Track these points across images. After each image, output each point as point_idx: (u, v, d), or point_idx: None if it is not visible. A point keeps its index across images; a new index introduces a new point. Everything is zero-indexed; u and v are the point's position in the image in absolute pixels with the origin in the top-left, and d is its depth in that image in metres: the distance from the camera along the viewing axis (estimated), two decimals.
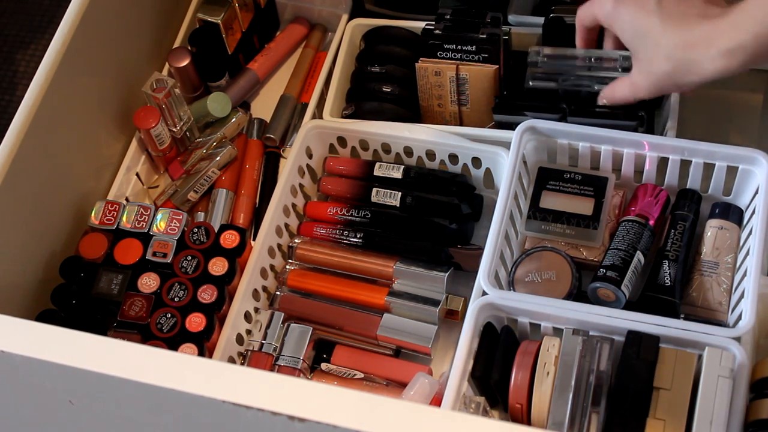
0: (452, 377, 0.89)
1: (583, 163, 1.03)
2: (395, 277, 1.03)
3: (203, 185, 1.12)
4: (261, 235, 1.04)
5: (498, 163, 1.04)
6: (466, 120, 1.12)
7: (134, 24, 1.13)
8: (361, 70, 1.14)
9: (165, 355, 0.71)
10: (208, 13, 1.17)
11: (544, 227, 1.01)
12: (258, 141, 1.18)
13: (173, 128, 1.12)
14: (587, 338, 0.88)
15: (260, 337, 1.00)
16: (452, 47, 1.07)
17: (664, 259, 0.96)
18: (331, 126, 1.10)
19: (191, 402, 0.68)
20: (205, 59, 1.19)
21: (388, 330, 1.00)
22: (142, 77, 1.10)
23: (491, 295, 0.93)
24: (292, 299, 1.05)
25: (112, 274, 1.01)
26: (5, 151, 0.93)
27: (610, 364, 0.87)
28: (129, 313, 0.99)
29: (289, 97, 1.20)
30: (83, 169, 1.07)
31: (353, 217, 1.06)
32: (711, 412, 0.82)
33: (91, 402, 0.77)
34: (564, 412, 0.86)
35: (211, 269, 1.02)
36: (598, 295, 0.96)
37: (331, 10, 1.23)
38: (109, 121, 1.11)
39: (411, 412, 0.65)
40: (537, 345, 0.90)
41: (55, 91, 0.97)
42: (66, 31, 0.99)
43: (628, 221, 0.98)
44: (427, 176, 1.07)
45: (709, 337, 0.87)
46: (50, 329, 0.72)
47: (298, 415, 0.65)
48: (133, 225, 1.04)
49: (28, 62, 1.82)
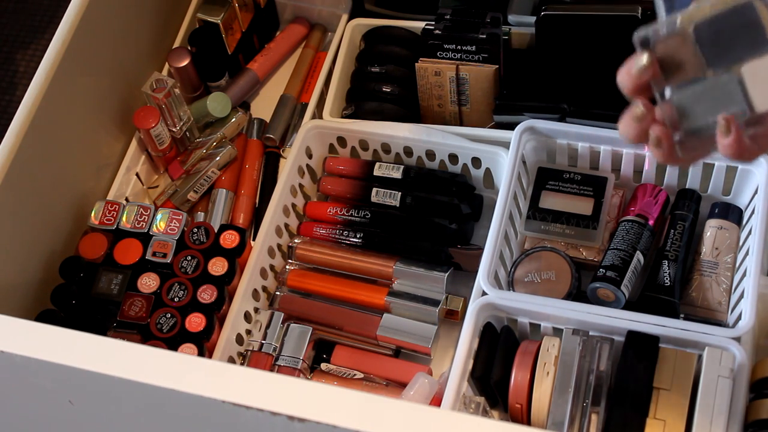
0: (452, 377, 0.89)
1: (582, 163, 1.03)
2: (395, 277, 1.03)
3: (203, 185, 1.12)
4: (261, 235, 1.04)
5: (498, 163, 1.04)
6: (466, 120, 1.12)
7: (134, 24, 1.13)
8: (361, 70, 1.14)
9: (165, 355, 0.71)
10: (208, 13, 1.17)
11: (544, 227, 1.01)
12: (258, 141, 1.18)
13: (173, 128, 1.12)
14: (587, 338, 0.88)
15: (260, 337, 1.00)
16: (452, 47, 1.07)
17: (664, 259, 0.96)
18: (331, 126, 1.10)
19: (191, 402, 0.68)
20: (205, 59, 1.19)
21: (388, 330, 1.00)
22: (142, 77, 1.10)
23: (491, 295, 0.93)
24: (292, 299, 1.05)
25: (112, 274, 1.01)
26: (5, 151, 0.93)
27: (610, 364, 0.87)
28: (129, 313, 0.99)
29: (289, 97, 1.20)
30: (83, 169, 1.07)
31: (353, 217, 1.06)
32: (711, 412, 0.82)
33: (91, 402, 0.77)
34: (564, 412, 0.86)
35: (210, 269, 1.02)
36: (597, 295, 0.96)
37: (331, 10, 1.23)
38: (109, 121, 1.11)
39: (411, 412, 0.65)
40: (537, 345, 0.90)
41: (55, 91, 0.97)
42: (66, 31, 0.99)
43: (628, 221, 0.98)
44: (427, 176, 1.07)
45: (708, 337, 0.87)
46: (50, 329, 0.72)
47: (297, 415, 0.65)
48: (132, 225, 1.04)
49: (28, 62, 1.82)
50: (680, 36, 0.67)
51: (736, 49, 0.66)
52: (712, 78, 0.66)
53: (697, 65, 0.67)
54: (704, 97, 0.67)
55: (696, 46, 0.66)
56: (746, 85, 0.65)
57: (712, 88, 0.67)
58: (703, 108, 0.67)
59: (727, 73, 0.66)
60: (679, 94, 0.68)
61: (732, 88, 0.66)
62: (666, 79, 0.68)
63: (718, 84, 0.66)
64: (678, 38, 0.67)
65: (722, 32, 0.66)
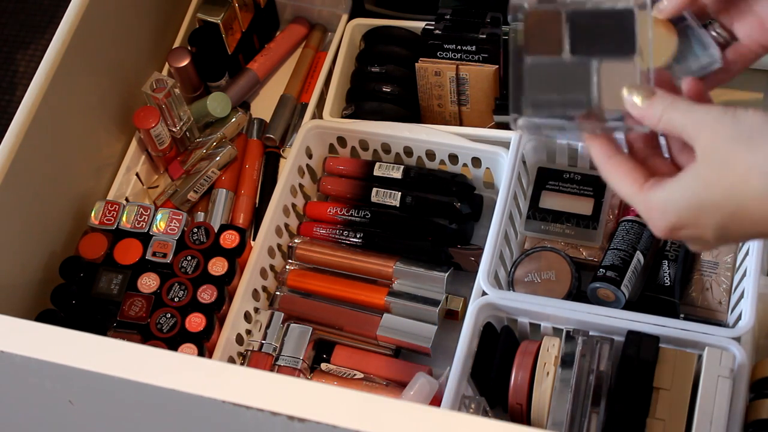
0: (452, 377, 0.89)
1: (582, 163, 1.03)
2: (395, 277, 1.03)
3: (203, 185, 1.12)
4: (261, 235, 1.04)
5: (498, 163, 1.04)
6: (466, 120, 1.12)
7: (134, 24, 1.13)
8: (361, 70, 1.14)
9: (165, 355, 0.71)
10: (208, 13, 1.17)
11: (544, 227, 1.01)
12: (258, 141, 1.18)
13: (173, 128, 1.12)
14: (587, 338, 0.88)
15: (260, 337, 1.00)
16: (452, 47, 1.07)
17: (664, 259, 0.96)
18: (331, 126, 1.10)
19: (191, 402, 0.68)
20: (205, 59, 1.19)
21: (388, 330, 1.00)
22: (142, 77, 1.10)
23: (491, 295, 0.93)
24: (292, 299, 1.05)
25: (112, 274, 1.01)
26: (5, 151, 0.93)
27: (610, 364, 0.87)
28: (129, 313, 0.99)
29: (289, 97, 1.20)
30: (83, 169, 1.07)
31: (353, 217, 1.06)
32: (711, 412, 0.82)
33: (91, 402, 0.77)
34: (564, 412, 0.86)
35: (210, 269, 1.02)
36: (597, 295, 0.96)
37: (331, 10, 1.22)
38: (109, 121, 1.11)
39: (411, 412, 0.65)
40: (537, 345, 0.90)
41: (55, 91, 0.97)
42: (66, 31, 0.99)
43: (628, 221, 0.98)
44: (426, 176, 1.07)
45: (708, 337, 0.87)
46: (50, 329, 0.72)
47: (297, 415, 0.65)
48: (133, 225, 1.04)
49: (28, 62, 1.82)
50: (556, 14, 0.71)
51: (601, 45, 0.69)
52: (569, 61, 0.70)
53: (559, 45, 0.70)
54: (553, 74, 0.70)
55: (566, 28, 0.70)
56: (600, 80, 0.69)
57: (565, 69, 0.70)
58: (548, 84, 0.70)
59: (584, 63, 0.69)
60: (533, 64, 0.71)
61: (583, 77, 0.69)
62: (528, 47, 0.71)
63: (571, 68, 0.70)
64: (553, 15, 0.71)
65: (596, 26, 0.70)
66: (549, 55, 0.70)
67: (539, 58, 0.71)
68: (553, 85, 0.70)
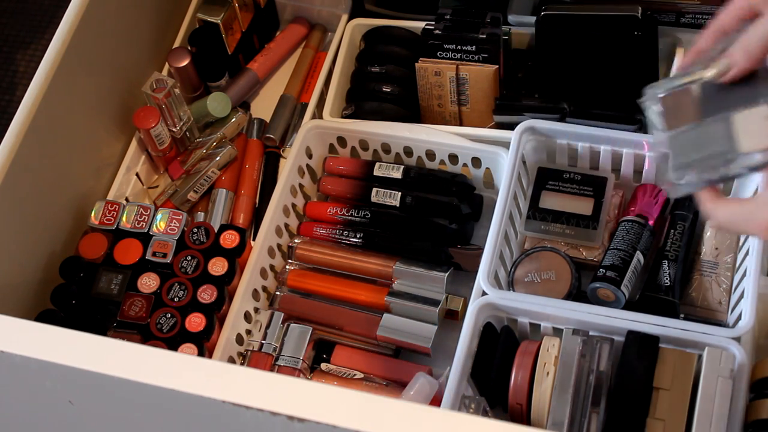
0: (452, 377, 0.89)
1: (582, 163, 1.03)
2: (395, 277, 1.03)
3: (203, 185, 1.12)
4: (261, 235, 1.04)
5: (498, 163, 1.04)
6: (466, 120, 1.12)
7: (134, 24, 1.13)
8: (361, 70, 1.14)
9: (165, 355, 0.71)
10: (208, 13, 1.17)
11: (544, 227, 1.01)
12: (258, 141, 1.18)
13: (173, 128, 1.12)
14: (587, 338, 0.88)
15: (260, 337, 1.00)
16: (452, 47, 1.07)
17: (664, 259, 0.96)
18: (331, 126, 1.10)
19: (191, 402, 0.68)
20: (205, 59, 1.19)
21: (388, 330, 1.00)
22: (142, 77, 1.10)
23: (491, 295, 0.93)
24: (292, 299, 1.05)
25: (112, 274, 1.01)
26: (5, 151, 0.93)
27: (610, 364, 0.87)
28: (129, 313, 0.99)
29: (289, 97, 1.20)
30: (83, 169, 1.07)
31: (353, 217, 1.06)
32: (711, 412, 0.82)
33: (91, 402, 0.77)
34: (564, 412, 0.86)
35: (210, 269, 1.02)
36: (597, 295, 0.96)
37: (331, 10, 1.23)
38: (109, 121, 1.11)
39: (411, 412, 0.65)
40: (537, 345, 0.90)
41: (55, 91, 0.97)
42: (66, 31, 0.99)
43: (628, 221, 0.98)
44: (426, 176, 1.07)
45: (708, 337, 0.87)
46: (50, 329, 0.72)
47: (297, 415, 0.65)
48: (132, 225, 1.04)
49: (28, 62, 1.82)
50: (687, 91, 0.76)
51: (729, 101, 0.74)
52: (704, 124, 0.74)
53: (695, 114, 0.75)
54: (693, 139, 0.75)
55: (699, 99, 0.75)
56: (737, 129, 0.73)
57: (702, 132, 0.75)
58: (691, 148, 0.75)
59: (718, 121, 0.74)
60: (673, 137, 0.76)
61: (720, 132, 0.74)
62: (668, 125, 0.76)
63: (708, 129, 0.74)
64: (684, 93, 0.76)
65: (721, 87, 0.74)
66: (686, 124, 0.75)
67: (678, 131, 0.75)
68: (695, 148, 0.75)
